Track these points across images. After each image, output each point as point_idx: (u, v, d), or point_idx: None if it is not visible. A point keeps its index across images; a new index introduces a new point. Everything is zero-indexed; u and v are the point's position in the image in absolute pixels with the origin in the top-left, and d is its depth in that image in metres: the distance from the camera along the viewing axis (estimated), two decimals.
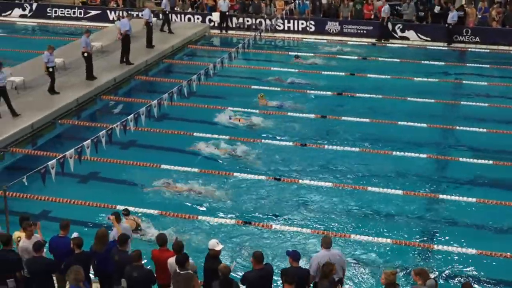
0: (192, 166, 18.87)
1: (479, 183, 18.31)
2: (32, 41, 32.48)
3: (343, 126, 22.08)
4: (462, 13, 32.22)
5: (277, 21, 33.63)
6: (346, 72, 27.70)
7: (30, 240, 11.75)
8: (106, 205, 16.62)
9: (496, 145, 20.58)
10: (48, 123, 21.60)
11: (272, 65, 28.55)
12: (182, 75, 26.37)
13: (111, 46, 28.56)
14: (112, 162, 19.01)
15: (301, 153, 20.12)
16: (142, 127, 19.98)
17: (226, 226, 15.93)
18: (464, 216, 16.53)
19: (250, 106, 23.43)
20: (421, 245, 15.23)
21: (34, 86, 23.36)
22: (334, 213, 16.70)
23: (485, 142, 20.83)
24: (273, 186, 18.02)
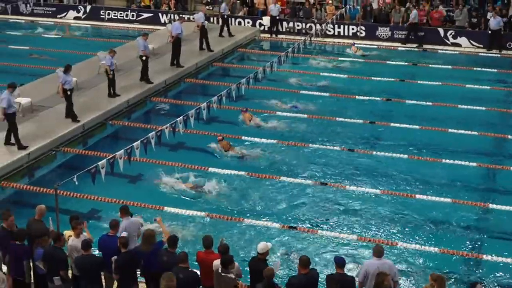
0: (238, 169, 18.96)
1: None
2: (85, 43, 33.06)
3: (391, 132, 21.90)
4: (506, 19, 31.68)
5: (327, 26, 33.56)
6: (395, 78, 27.46)
7: (79, 239, 11.96)
8: (154, 206, 16.82)
9: None
10: (99, 124, 21.94)
11: (321, 70, 28.47)
12: (231, 78, 26.52)
13: (162, 48, 28.89)
14: (160, 163, 19.20)
15: (348, 159, 20.02)
16: (191, 129, 20.14)
17: (272, 230, 15.94)
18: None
19: (298, 111, 23.40)
20: (469, 255, 15.00)
21: (86, 87, 23.76)
22: (381, 220, 16.58)
23: None
24: (319, 191, 17.97)
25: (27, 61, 29.11)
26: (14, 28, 35.99)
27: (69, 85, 20.70)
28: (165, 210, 16.68)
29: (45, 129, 20.40)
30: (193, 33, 31.44)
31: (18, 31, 35.39)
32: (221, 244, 11.61)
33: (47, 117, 21.50)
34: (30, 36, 34.31)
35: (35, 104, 22.00)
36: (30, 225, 12.66)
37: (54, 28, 36.26)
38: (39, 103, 22.33)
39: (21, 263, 12.10)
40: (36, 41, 33.05)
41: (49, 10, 38.09)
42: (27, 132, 19.27)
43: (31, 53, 30.73)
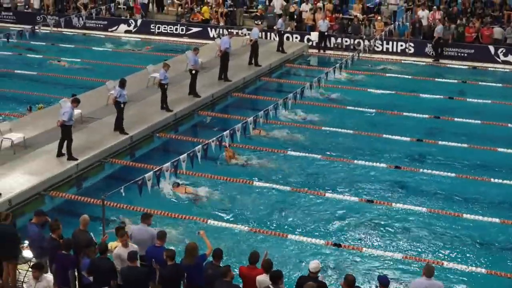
0: (283, 184, 18.95)
1: None
2: (135, 56, 33.55)
3: (439, 150, 21.64)
4: None
5: (375, 42, 33.41)
6: (444, 95, 27.15)
7: (125, 249, 12.09)
8: (199, 218, 16.92)
9: None
10: (147, 136, 22.19)
11: (369, 86, 28.32)
12: (278, 93, 26.56)
13: (210, 62, 29.11)
14: (206, 177, 19.32)
15: (394, 176, 19.85)
16: (237, 143, 20.23)
17: (316, 247, 15.87)
18: None
19: (342, 126, 23.34)
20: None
21: (135, 100, 24.04)
22: (427, 239, 16.39)
23: None
24: (365, 208, 17.85)
25: (78, 73, 29.68)
26: (66, 41, 36.72)
27: (123, 99, 21.00)
28: (208, 223, 16.75)
29: (93, 141, 20.71)
30: (242, 48, 31.62)
31: (71, 44, 36.09)
32: (264, 260, 11.62)
33: (96, 128, 21.83)
34: (82, 49, 34.95)
35: (84, 115, 22.35)
36: (76, 235, 12.85)
37: (105, 41, 36.88)
38: (89, 115, 22.69)
39: (66, 273, 12.28)
40: (88, 54, 33.64)
41: (100, 23, 38.78)
42: (77, 143, 19.57)
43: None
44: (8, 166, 18.69)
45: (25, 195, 17.61)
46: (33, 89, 27.33)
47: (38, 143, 20.36)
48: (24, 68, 30.84)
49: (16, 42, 33.16)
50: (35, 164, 19.11)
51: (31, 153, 19.75)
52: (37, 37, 35.78)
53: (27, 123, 22.11)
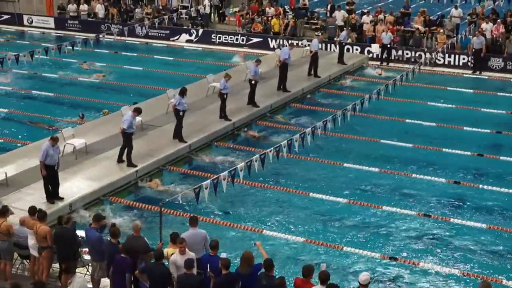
0: (341, 196, 18.89)
1: None
2: (196, 65, 33.94)
3: (500, 165, 21.24)
4: None
5: (437, 55, 33.00)
6: (507, 111, 26.62)
7: (182, 256, 12.22)
8: (254, 228, 17.00)
9: None
10: (205, 145, 22.40)
11: (429, 99, 27.97)
12: (337, 105, 26.49)
13: (270, 73, 29.23)
14: (263, 187, 19.41)
15: (454, 191, 19.56)
16: (295, 155, 20.25)
17: (372, 260, 15.76)
18: None
19: (402, 139, 23.10)
20: None
21: (194, 108, 24.31)
22: (486, 256, 16.09)
23: None
24: (422, 222, 17.64)
25: (140, 81, 30.21)
26: (130, 50, 37.42)
27: (182, 107, 21.30)
28: (263, 233, 16.81)
29: (153, 148, 21.03)
30: (301, 59, 31.65)
31: (133, 52, 36.77)
32: (322, 272, 11.60)
33: (156, 136, 22.16)
34: (144, 58, 35.55)
35: (145, 123, 22.72)
36: (130, 241, 13.04)
37: (168, 51, 37.42)
38: (149, 122, 23.05)
39: (123, 276, 12.48)
40: (149, 63, 34.21)
41: (163, 32, 39.37)
42: (136, 149, 19.91)
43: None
44: (70, 171, 19.12)
45: (86, 200, 18.00)
46: (95, 96, 27.94)
47: (99, 149, 20.79)
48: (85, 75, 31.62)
49: (81, 50, 33.94)
50: (96, 169, 19.51)
51: (92, 159, 20.18)
52: (101, 45, 36.63)
53: (89, 129, 22.61)
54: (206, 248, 12.95)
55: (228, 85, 23.38)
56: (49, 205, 16.99)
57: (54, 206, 17.06)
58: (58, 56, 32.90)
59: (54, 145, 16.82)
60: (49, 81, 30.95)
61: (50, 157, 16.77)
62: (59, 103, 27.73)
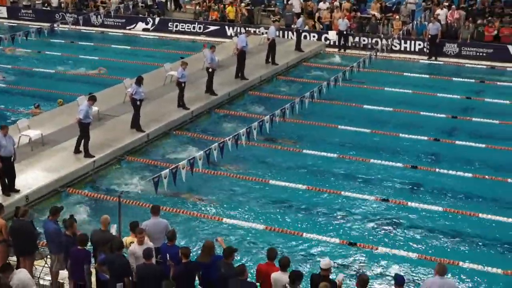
0: (300, 182, 18.96)
1: None
2: (152, 54, 33.66)
3: (456, 150, 21.54)
4: None
5: (393, 41, 33.28)
6: (462, 96, 27.01)
7: (140, 246, 12.13)
8: (216, 217, 16.98)
9: None
10: (163, 134, 22.27)
11: (385, 85, 28.24)
12: (295, 92, 26.55)
13: (227, 61, 29.16)
14: (222, 175, 19.39)
15: (411, 176, 19.79)
16: (253, 142, 20.26)
17: (331, 245, 15.87)
18: None
19: (359, 125, 23.28)
20: None
21: (152, 98, 24.14)
22: (443, 239, 16.32)
23: None
24: (380, 207, 17.83)
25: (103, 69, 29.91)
26: (85, 39, 36.93)
27: (139, 96, 21.13)
28: (223, 221, 16.81)
29: (110, 138, 20.83)
30: (258, 46, 31.63)
31: (89, 42, 36.30)
32: (283, 258, 11.64)
33: (113, 126, 21.95)
34: (100, 47, 35.13)
35: (102, 113, 22.48)
36: (97, 235, 12.91)
37: (124, 40, 37.02)
38: (106, 112, 22.81)
39: (81, 267, 12.35)
40: (105, 52, 33.82)
41: (119, 21, 38.93)
42: (93, 140, 19.70)
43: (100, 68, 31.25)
44: (26, 162, 18.84)
45: (42, 192, 17.75)
46: (51, 87, 27.51)
47: (55, 140, 20.52)
48: (43, 66, 31.12)
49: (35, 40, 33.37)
50: (52, 161, 19.25)
51: (49, 150, 19.91)
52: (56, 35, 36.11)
53: (45, 120, 22.28)
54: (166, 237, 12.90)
55: (186, 74, 23.26)
56: (4, 197, 16.72)
57: (10, 198, 16.79)
58: (12, 46, 32.36)
59: (5, 135, 16.49)
60: (3, 72, 30.36)
61: (4, 148, 16.45)
62: (13, 94, 27.25)
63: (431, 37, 32.28)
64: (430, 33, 32.22)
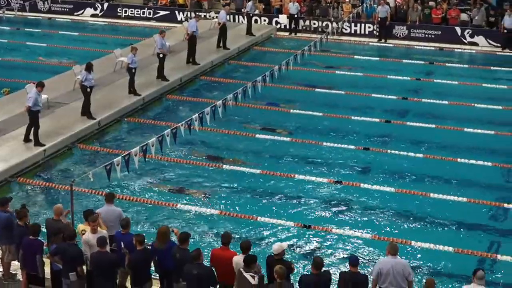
0: (254, 167, 18.98)
1: None
2: (102, 40, 33.21)
3: (407, 131, 21.82)
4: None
5: (343, 24, 33.47)
6: (412, 77, 27.35)
7: (94, 235, 12.01)
8: (168, 203, 16.90)
9: None
10: (115, 121, 22.04)
11: (336, 68, 28.41)
12: (247, 76, 26.52)
13: (178, 46, 28.94)
14: (176, 161, 19.30)
15: (363, 157, 19.98)
16: (206, 127, 20.20)
17: (286, 229, 15.94)
18: None
19: (311, 108, 23.39)
20: (485, 255, 14.92)
21: (102, 84, 23.85)
22: (396, 219, 16.56)
23: None
24: (333, 189, 17.96)
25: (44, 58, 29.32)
26: (32, 25, 36.21)
27: (89, 83, 20.85)
28: (178, 207, 16.75)
29: (61, 126, 20.53)
30: (209, 31, 31.48)
31: (36, 28, 35.60)
32: (243, 241, 11.69)
33: (63, 113, 21.63)
34: (48, 34, 34.50)
35: (51, 101, 22.13)
36: (49, 224, 12.74)
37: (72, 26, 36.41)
38: (56, 100, 22.46)
39: (34, 258, 12.17)
40: (54, 38, 33.24)
41: (66, 7, 38.25)
42: (43, 128, 19.40)
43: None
44: None
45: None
46: None
47: (4, 129, 20.14)
48: None
49: None
50: (1, 150, 18.90)
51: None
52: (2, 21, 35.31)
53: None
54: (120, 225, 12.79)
55: (136, 59, 23.02)
56: None
57: None
58: None
59: None
60: None
61: None
62: None
63: (380, 20, 32.57)
64: (379, 16, 32.51)
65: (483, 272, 10.83)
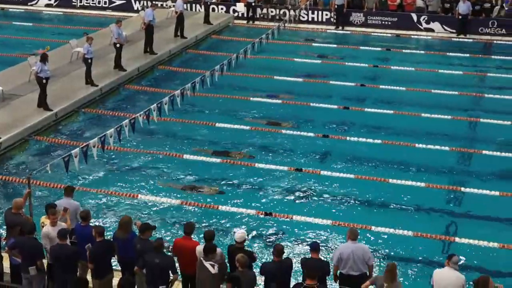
0: (213, 156, 18.94)
1: (504, 176, 18.15)
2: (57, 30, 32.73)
3: (365, 117, 21.99)
4: (479, 6, 31.92)
5: (301, 12, 33.54)
6: (369, 64, 27.56)
7: (54, 227, 11.86)
8: (128, 194, 16.79)
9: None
10: (72, 112, 21.78)
11: (295, 56, 28.47)
12: (205, 65, 26.41)
13: (135, 36, 28.68)
14: (134, 151, 19.15)
15: (322, 144, 20.10)
16: (165, 117, 20.09)
17: (247, 217, 15.97)
18: (487, 209, 16.41)
19: (270, 96, 23.40)
20: (443, 238, 15.16)
21: (58, 75, 23.55)
22: (356, 205, 16.71)
23: (509, 134, 20.65)
24: (294, 177, 18.02)
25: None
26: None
27: (44, 74, 20.55)
28: (139, 198, 16.64)
29: (16, 118, 20.22)
30: (166, 20, 31.27)
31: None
32: (206, 231, 11.69)
33: (19, 106, 21.30)
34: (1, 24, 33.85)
35: (6, 92, 21.78)
36: (8, 217, 12.54)
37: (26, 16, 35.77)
38: (10, 92, 22.10)
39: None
40: (7, 29, 32.63)
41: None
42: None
43: None
44: None
45: None
46: None
47: None
48: None
49: None
50: None
51: None
52: None
53: None
54: (78, 218, 12.66)
55: (92, 49, 22.76)
56: None
57: None
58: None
59: None
60: None
61: None
62: None
63: (337, 7, 32.70)
64: (336, 3, 32.63)
65: (458, 257, 10.96)
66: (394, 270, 10.84)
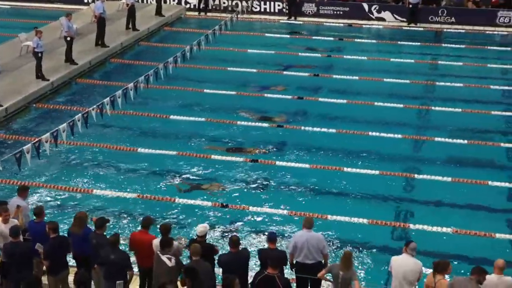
0: (170, 149, 18.85)
1: (455, 162, 18.49)
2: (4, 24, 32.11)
3: (319, 107, 22.14)
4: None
5: (253, 3, 33.52)
6: (322, 54, 27.71)
7: (6, 225, 11.69)
8: (82, 189, 16.62)
9: (471, 124, 20.78)
10: (23, 107, 21.43)
11: (248, 47, 28.47)
12: (158, 57, 26.24)
13: (86, 28, 28.32)
14: (88, 145, 18.95)
15: (277, 134, 20.17)
16: (118, 110, 19.91)
17: (204, 209, 15.96)
18: (440, 195, 16.70)
19: (227, 88, 23.39)
20: (397, 224, 15.39)
21: (8, 70, 23.14)
22: (310, 194, 16.83)
23: (460, 122, 21.02)
24: (249, 168, 18.06)
25: None
26: None
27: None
28: (94, 193, 16.48)
29: None
30: (118, 12, 30.94)
31: None
32: (162, 224, 11.67)
33: None
34: None
35: None
36: None
37: None
38: None
39: None
40: None
41: None
42: None
43: None
44: None
45: None
46: None
47: None
48: None
49: None
50: None
51: None
52: None
53: None
54: (30, 216, 12.49)
55: (41, 43, 22.41)
56: None
57: None
58: None
59: None
60: None
61: None
62: None
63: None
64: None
65: (415, 244, 11.08)
66: (350, 258, 10.96)
